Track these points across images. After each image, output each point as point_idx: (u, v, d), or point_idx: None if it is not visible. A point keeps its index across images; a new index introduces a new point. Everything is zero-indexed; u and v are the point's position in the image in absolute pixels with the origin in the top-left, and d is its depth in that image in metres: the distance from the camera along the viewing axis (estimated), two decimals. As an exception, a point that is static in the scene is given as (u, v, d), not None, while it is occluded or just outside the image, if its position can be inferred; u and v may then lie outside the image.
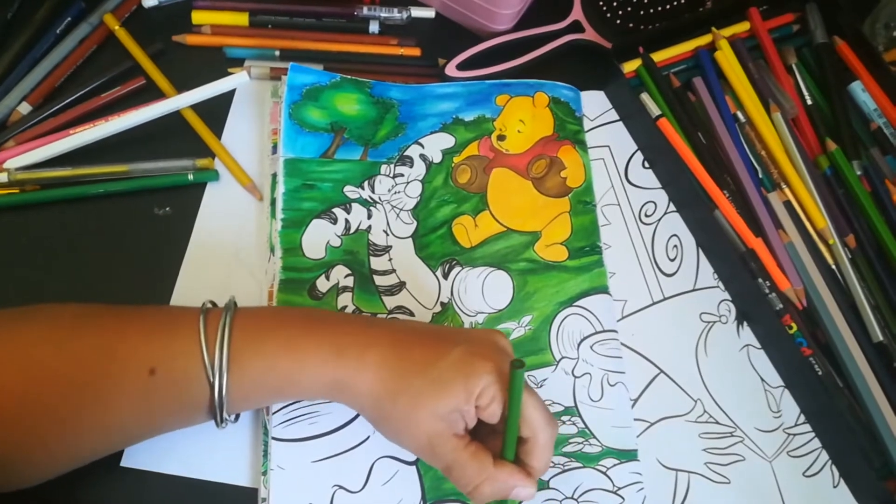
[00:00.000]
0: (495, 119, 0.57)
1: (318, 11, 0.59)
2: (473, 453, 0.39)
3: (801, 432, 0.51)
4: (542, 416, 0.39)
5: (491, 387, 0.38)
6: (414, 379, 0.39)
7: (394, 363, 0.39)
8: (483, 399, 0.38)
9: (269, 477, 0.44)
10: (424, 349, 0.40)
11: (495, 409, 0.39)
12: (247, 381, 0.39)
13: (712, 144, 0.57)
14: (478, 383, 0.38)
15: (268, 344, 0.39)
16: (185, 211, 0.52)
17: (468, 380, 0.38)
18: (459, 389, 0.38)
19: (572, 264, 0.53)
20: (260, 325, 0.40)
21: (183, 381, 0.38)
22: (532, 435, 0.39)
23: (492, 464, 0.39)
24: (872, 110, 0.59)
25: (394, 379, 0.39)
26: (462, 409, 0.39)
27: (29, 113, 0.53)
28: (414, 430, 0.39)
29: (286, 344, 0.39)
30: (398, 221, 0.53)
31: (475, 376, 0.38)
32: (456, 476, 0.40)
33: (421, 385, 0.38)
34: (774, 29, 0.61)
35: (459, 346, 0.39)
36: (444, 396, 0.38)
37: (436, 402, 0.38)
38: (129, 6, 0.57)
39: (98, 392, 0.37)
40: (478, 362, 0.39)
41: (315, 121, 0.54)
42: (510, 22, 0.60)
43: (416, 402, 0.38)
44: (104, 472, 0.44)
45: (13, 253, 0.50)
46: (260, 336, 0.39)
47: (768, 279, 0.52)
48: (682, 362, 0.52)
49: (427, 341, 0.40)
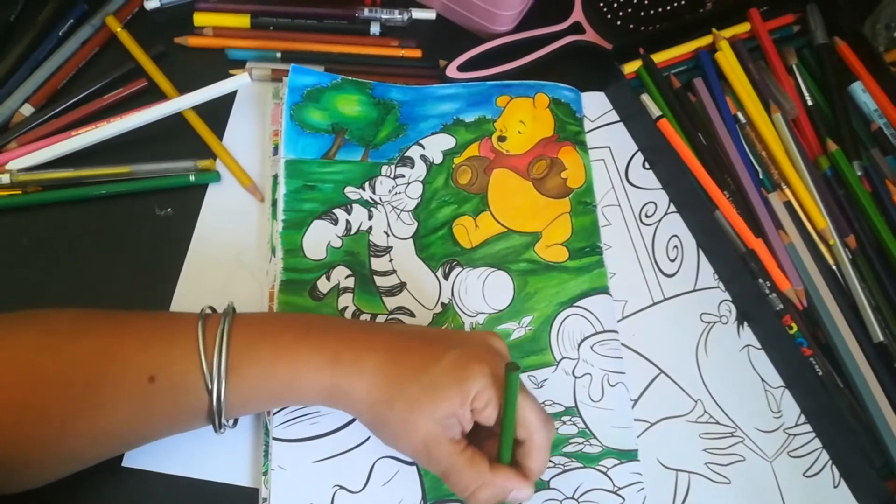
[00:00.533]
0: (496, 120, 0.57)
1: (319, 13, 0.59)
2: (470, 458, 0.39)
3: (801, 432, 0.51)
4: (538, 418, 0.39)
5: (486, 390, 0.38)
6: (409, 384, 0.39)
7: (389, 369, 0.39)
8: (479, 402, 0.38)
9: (270, 477, 0.44)
10: (419, 354, 0.40)
11: (491, 412, 0.39)
12: (245, 388, 0.39)
13: (713, 145, 0.57)
14: (473, 386, 0.38)
15: (266, 350, 0.39)
16: (187, 212, 0.52)
17: (463, 384, 0.38)
18: (454, 393, 0.38)
19: (573, 265, 0.53)
20: (258, 331, 0.40)
21: (181, 387, 0.38)
22: (528, 437, 0.39)
23: (488, 468, 0.39)
24: (873, 111, 0.59)
25: (389, 385, 0.39)
26: (458, 413, 0.39)
27: (31, 114, 0.53)
28: (411, 435, 0.39)
29: (284, 350, 0.39)
30: (399, 222, 0.53)
31: (470, 380, 0.38)
32: (453, 481, 0.40)
33: (416, 390, 0.38)
34: (775, 30, 0.61)
35: (454, 350, 0.39)
36: (440, 401, 0.38)
37: (431, 406, 0.38)
38: (131, 8, 0.58)
39: (96, 396, 0.38)
40: (473, 366, 0.39)
41: (316, 122, 0.54)
42: (511, 23, 0.60)
43: (411, 408, 0.38)
44: (105, 472, 0.44)
45: (15, 254, 0.50)
46: (258, 342, 0.39)
47: (769, 279, 0.52)
48: (683, 362, 0.52)
49: (422, 346, 0.40)
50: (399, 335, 0.42)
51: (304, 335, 0.40)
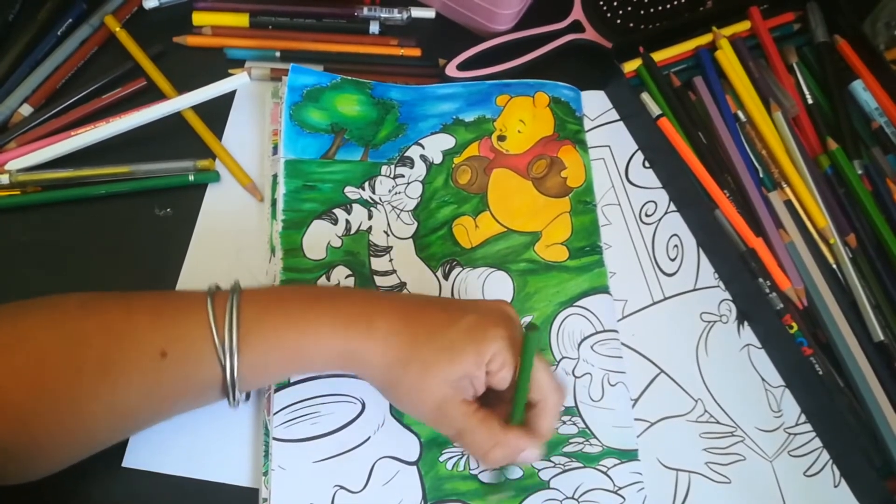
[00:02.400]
0: (495, 119, 0.57)
1: (318, 12, 0.59)
2: (483, 419, 0.40)
3: (801, 432, 0.51)
4: (551, 380, 0.41)
5: (502, 352, 0.39)
6: (424, 346, 0.39)
7: (403, 330, 0.39)
8: (494, 364, 0.39)
9: (270, 477, 0.44)
10: (434, 317, 0.40)
11: (506, 374, 0.40)
12: (258, 359, 0.39)
13: (713, 144, 0.57)
14: (489, 348, 0.39)
15: (276, 320, 0.39)
16: (187, 212, 0.52)
17: (479, 346, 0.39)
18: (470, 355, 0.39)
19: (573, 264, 0.53)
20: (266, 303, 0.40)
21: (193, 361, 0.38)
22: (542, 398, 0.40)
23: (500, 429, 0.40)
24: (873, 109, 0.59)
25: (403, 346, 0.39)
26: (472, 374, 0.39)
27: (30, 114, 0.53)
28: (424, 396, 0.40)
29: (295, 319, 0.40)
30: (399, 222, 0.53)
31: (486, 342, 0.39)
32: (468, 440, 0.40)
33: (431, 352, 0.39)
34: (775, 28, 0.61)
35: (469, 314, 0.40)
36: (456, 363, 0.39)
37: (447, 368, 0.39)
38: (129, 7, 0.58)
39: (108, 374, 0.37)
40: (489, 328, 0.39)
41: (315, 122, 0.54)
42: (510, 22, 0.60)
43: (426, 369, 0.39)
44: (105, 471, 0.44)
45: (15, 254, 0.50)
46: (267, 314, 0.40)
47: (769, 279, 0.52)
48: (683, 362, 0.52)
49: (436, 310, 0.41)
50: (412, 300, 0.43)
51: (314, 303, 0.41)
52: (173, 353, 0.38)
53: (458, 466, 0.46)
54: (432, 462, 0.46)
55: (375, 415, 0.47)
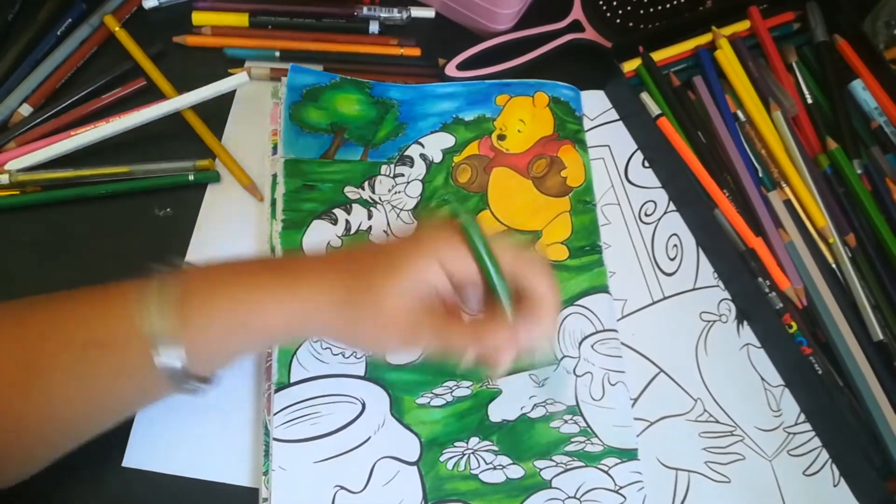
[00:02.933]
0: (495, 119, 0.57)
1: (317, 12, 0.59)
2: (456, 317, 0.39)
3: (801, 431, 0.51)
4: (519, 258, 0.39)
5: (453, 249, 0.38)
6: (368, 274, 0.38)
7: (346, 269, 0.38)
8: (449, 262, 0.38)
9: (271, 477, 0.44)
10: (374, 249, 0.41)
11: (464, 267, 0.38)
12: (200, 343, 0.37)
13: (712, 143, 0.57)
14: (428, 246, 0.38)
15: (221, 295, 0.37)
16: (186, 212, 0.52)
17: (419, 247, 0.38)
18: (414, 258, 0.37)
19: (572, 264, 0.53)
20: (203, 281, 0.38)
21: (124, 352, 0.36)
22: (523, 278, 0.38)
23: (481, 322, 0.39)
24: (873, 109, 0.59)
25: (349, 280, 0.38)
26: (427, 278, 0.38)
27: (30, 114, 0.53)
28: (387, 320, 0.38)
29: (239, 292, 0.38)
30: (399, 221, 0.53)
31: (423, 241, 0.38)
32: (453, 343, 0.38)
33: (377, 276, 0.37)
34: (775, 27, 0.61)
35: (408, 236, 0.40)
36: (402, 270, 0.37)
37: (395, 280, 0.37)
38: (129, 7, 0.58)
39: (39, 377, 0.36)
40: (428, 234, 0.39)
41: (315, 121, 0.54)
42: (510, 22, 0.60)
43: (377, 292, 0.37)
44: (105, 471, 0.44)
45: (14, 254, 0.50)
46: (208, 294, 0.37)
47: (768, 278, 0.52)
48: (682, 361, 0.52)
49: (376, 245, 0.42)
50: (352, 246, 0.43)
51: (261, 270, 0.39)
52: (104, 346, 0.36)
53: (459, 466, 0.46)
54: (433, 462, 0.46)
55: (376, 415, 0.47)
